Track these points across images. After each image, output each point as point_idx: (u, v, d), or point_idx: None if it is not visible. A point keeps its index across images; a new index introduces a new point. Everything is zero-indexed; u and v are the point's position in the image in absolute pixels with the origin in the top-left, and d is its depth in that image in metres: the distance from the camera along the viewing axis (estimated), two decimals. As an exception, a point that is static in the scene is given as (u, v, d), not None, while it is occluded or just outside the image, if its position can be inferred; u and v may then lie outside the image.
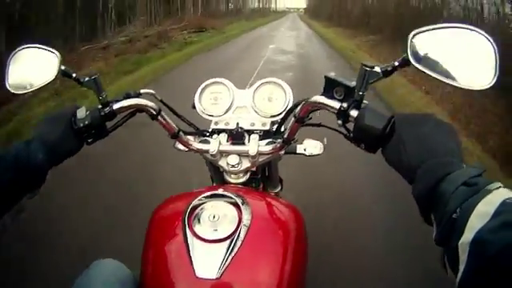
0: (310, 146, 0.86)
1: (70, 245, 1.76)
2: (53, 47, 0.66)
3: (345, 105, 0.56)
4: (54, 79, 0.64)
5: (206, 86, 0.85)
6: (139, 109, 0.67)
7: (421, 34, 0.54)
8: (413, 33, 0.54)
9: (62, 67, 0.65)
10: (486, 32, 0.52)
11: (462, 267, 0.36)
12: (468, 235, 0.36)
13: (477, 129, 3.55)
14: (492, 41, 0.52)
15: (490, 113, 3.98)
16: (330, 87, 0.58)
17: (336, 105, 0.57)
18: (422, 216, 0.45)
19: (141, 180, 2.35)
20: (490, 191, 0.39)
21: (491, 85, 0.51)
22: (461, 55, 0.53)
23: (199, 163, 0.90)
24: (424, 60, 0.53)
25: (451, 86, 0.52)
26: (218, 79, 0.85)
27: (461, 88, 0.53)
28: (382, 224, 1.95)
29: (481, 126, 3.62)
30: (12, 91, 0.67)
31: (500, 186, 0.39)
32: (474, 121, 3.77)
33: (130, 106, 0.66)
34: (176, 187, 0.86)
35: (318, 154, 0.86)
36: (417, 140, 0.48)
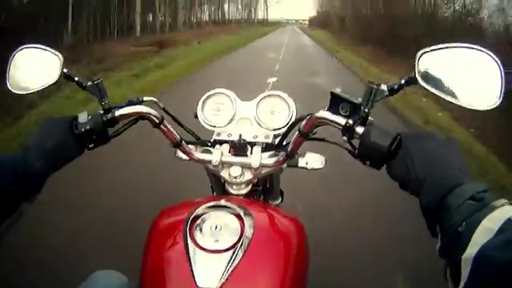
0: (312, 160, 0.85)
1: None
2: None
3: (350, 121, 0.56)
4: (55, 82, 0.64)
5: (209, 97, 0.84)
6: (142, 116, 0.67)
7: (428, 54, 0.55)
8: (420, 52, 0.55)
9: (65, 70, 0.64)
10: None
11: (463, 282, 0.36)
12: (471, 250, 0.36)
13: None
14: (498, 61, 0.52)
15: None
16: (336, 103, 0.58)
17: (341, 121, 0.57)
18: (429, 228, 0.45)
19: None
20: (495, 207, 0.39)
21: (496, 105, 0.52)
22: (467, 75, 0.54)
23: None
24: (431, 79, 0.54)
25: (457, 105, 0.53)
26: (220, 90, 0.84)
27: (466, 108, 0.53)
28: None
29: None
30: (12, 91, 0.66)
31: (505, 203, 0.40)
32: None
33: (132, 113, 0.65)
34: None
35: (320, 168, 0.85)
36: (424, 154, 0.49)
